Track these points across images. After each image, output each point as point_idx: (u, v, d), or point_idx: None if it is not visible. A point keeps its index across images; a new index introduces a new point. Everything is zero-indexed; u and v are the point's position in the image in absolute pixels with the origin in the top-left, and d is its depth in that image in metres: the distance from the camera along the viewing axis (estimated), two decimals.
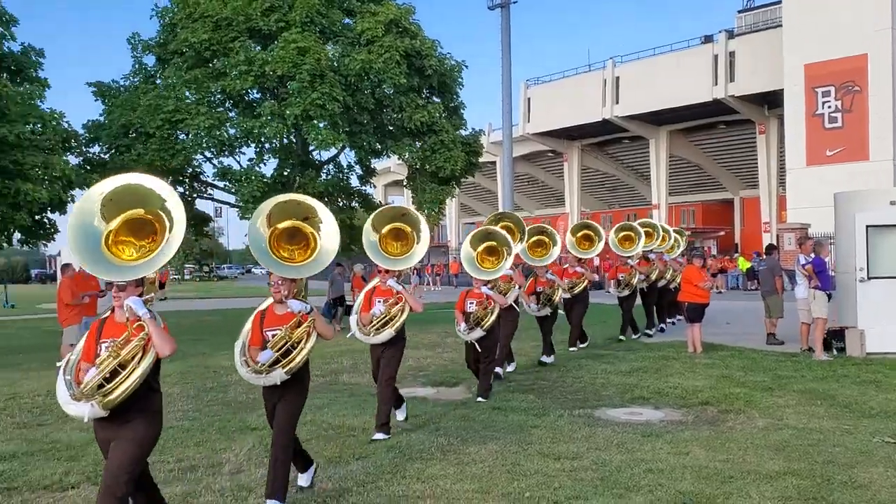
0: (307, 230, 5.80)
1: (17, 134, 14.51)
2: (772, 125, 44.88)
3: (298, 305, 5.61)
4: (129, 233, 4.68)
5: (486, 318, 9.24)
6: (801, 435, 7.38)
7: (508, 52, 24.98)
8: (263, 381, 5.52)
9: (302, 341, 5.57)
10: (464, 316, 9.35)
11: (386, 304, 7.67)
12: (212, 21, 17.97)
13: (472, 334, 9.23)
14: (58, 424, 8.51)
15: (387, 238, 7.99)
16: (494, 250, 9.70)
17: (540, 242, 12.40)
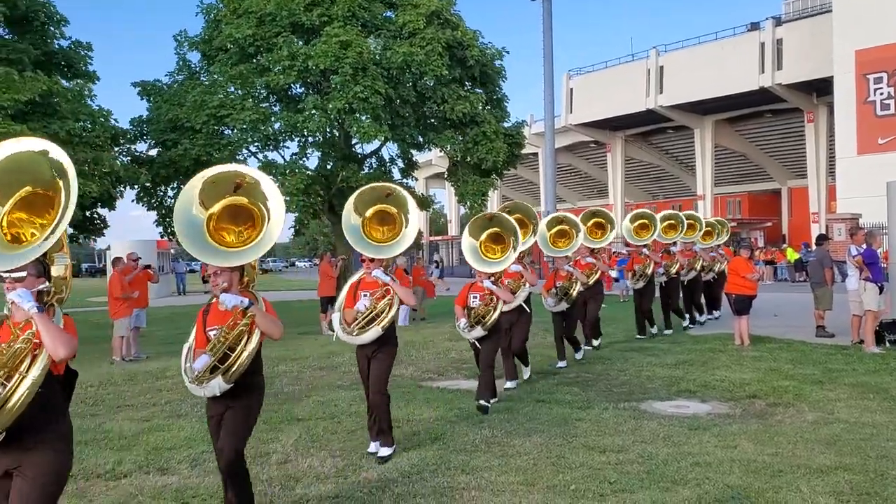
0: (251, 206, 4.91)
1: (68, 130, 14.84)
2: (821, 113, 43.91)
3: (232, 300, 4.74)
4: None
5: (488, 316, 8.27)
6: (852, 429, 7.24)
7: (550, 42, 24.80)
8: (203, 393, 4.77)
9: (242, 342, 4.75)
10: (465, 311, 8.42)
11: (372, 297, 6.68)
12: (255, 17, 18.16)
13: (473, 332, 8.32)
14: (110, 415, 8.71)
15: (371, 222, 6.96)
16: (500, 238, 8.63)
17: (562, 233, 11.68)
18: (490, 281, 8.45)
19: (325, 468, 6.32)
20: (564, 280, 11.22)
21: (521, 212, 10.24)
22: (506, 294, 8.64)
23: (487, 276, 8.47)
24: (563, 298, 11.16)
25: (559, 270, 11.29)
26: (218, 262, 4.80)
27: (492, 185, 21.60)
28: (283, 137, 18.86)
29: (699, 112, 48.82)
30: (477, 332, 8.26)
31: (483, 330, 8.29)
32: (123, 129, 18.54)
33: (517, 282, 9.56)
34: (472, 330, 8.30)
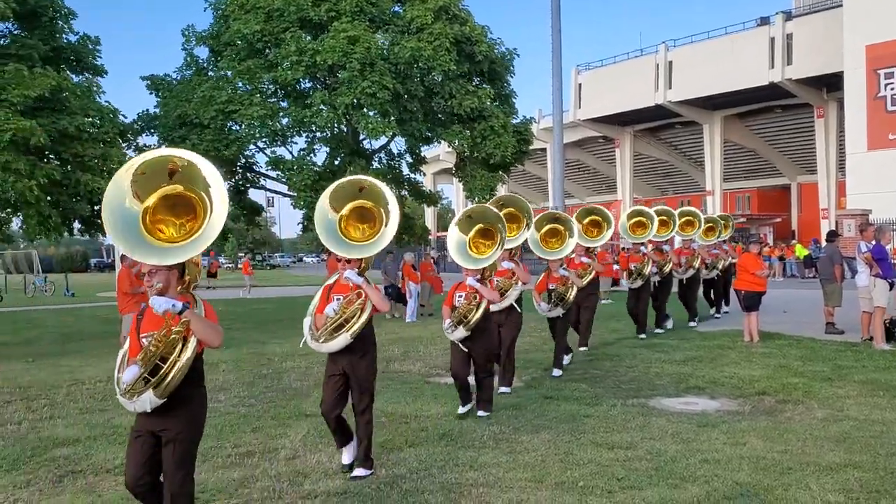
0: (190, 196, 4.34)
1: (77, 126, 14.87)
2: (831, 109, 43.72)
3: (163, 303, 4.20)
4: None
5: (470, 315, 7.68)
6: (862, 426, 7.20)
7: (559, 37, 24.70)
8: (133, 407, 4.28)
9: (176, 352, 4.23)
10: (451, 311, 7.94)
11: (344, 301, 6.05)
12: (264, 12, 18.17)
13: (456, 333, 7.77)
14: (119, 410, 8.71)
15: (349, 220, 6.25)
16: (489, 233, 8.01)
17: (554, 232, 10.44)
18: (475, 279, 7.88)
19: (333, 464, 6.32)
20: (559, 284, 10.19)
21: (513, 205, 9.48)
22: (492, 294, 8.14)
23: (473, 274, 7.87)
24: (558, 304, 10.11)
25: (552, 273, 10.35)
26: (152, 259, 4.24)
27: (500, 181, 21.58)
28: (291, 133, 18.88)
29: (708, 107, 48.68)
30: (459, 332, 7.66)
31: (465, 330, 7.70)
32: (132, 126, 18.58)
33: (508, 280, 9.01)
34: (455, 330, 7.75)
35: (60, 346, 15.44)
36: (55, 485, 5.96)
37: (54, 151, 15.13)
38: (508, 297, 8.94)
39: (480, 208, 8.39)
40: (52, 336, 17.50)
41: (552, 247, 10.35)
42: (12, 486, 5.93)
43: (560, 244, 10.35)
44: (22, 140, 13.36)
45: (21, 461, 6.57)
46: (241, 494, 5.62)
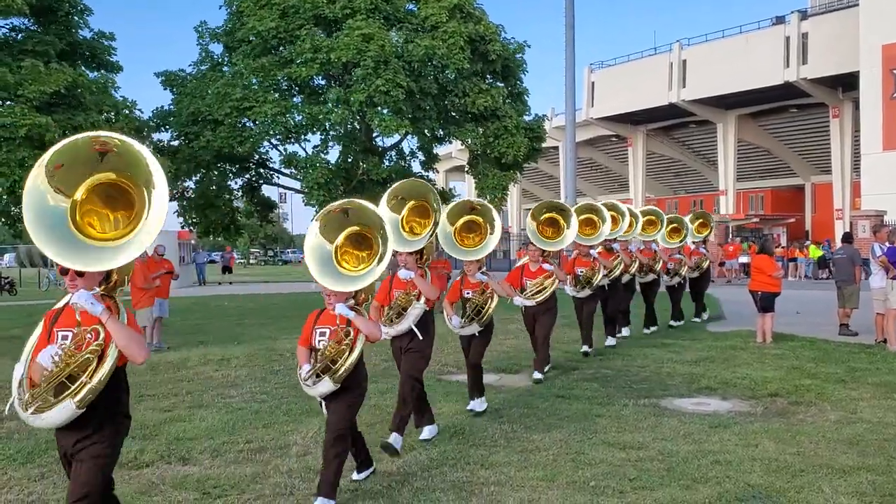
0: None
1: (92, 122, 14.96)
2: (846, 109, 43.41)
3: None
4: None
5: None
6: (875, 429, 7.17)
7: (572, 35, 24.66)
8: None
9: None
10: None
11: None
12: (279, 9, 18.22)
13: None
14: (132, 404, 8.77)
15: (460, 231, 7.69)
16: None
17: (471, 226, 7.98)
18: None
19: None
20: (476, 291, 7.95)
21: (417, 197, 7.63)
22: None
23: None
24: (474, 318, 7.88)
25: (468, 277, 8.06)
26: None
27: (512, 179, 21.57)
28: (305, 130, 18.90)
29: (722, 106, 48.44)
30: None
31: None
32: (147, 122, 18.68)
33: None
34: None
35: None
36: (63, 478, 6.00)
37: None
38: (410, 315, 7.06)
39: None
40: None
41: (468, 245, 7.87)
42: (26, 480, 5.98)
43: (480, 241, 7.84)
44: (37, 136, 13.45)
45: (35, 454, 6.62)
46: (252, 490, 5.65)
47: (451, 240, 7.75)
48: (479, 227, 7.88)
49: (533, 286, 9.53)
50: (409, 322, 6.80)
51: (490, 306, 7.69)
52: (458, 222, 7.81)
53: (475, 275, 7.92)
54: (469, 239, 7.90)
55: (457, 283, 8.13)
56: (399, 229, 6.91)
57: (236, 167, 20.12)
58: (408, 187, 7.30)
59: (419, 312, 6.80)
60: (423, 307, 6.79)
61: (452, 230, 7.77)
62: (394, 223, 6.81)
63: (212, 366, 11.28)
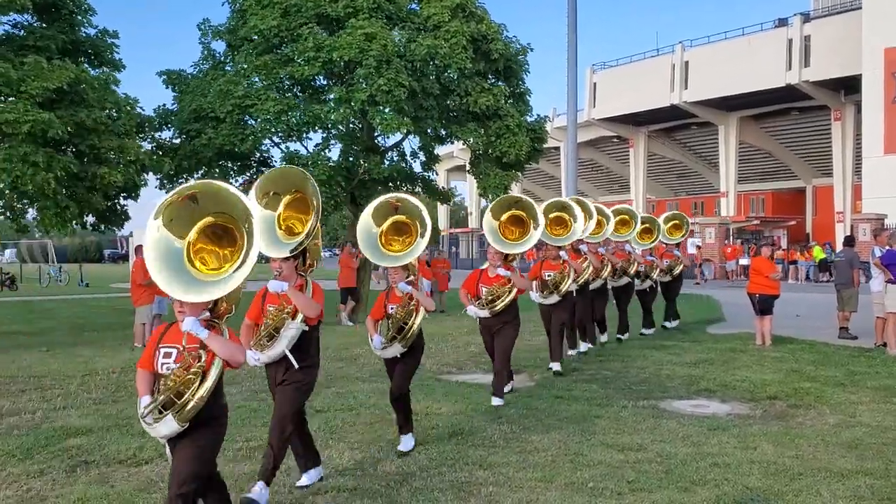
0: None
1: (94, 119, 14.94)
2: (848, 112, 43.39)
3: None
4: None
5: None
6: (874, 433, 7.17)
7: (574, 37, 24.63)
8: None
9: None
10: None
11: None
12: (281, 7, 18.18)
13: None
14: (132, 401, 8.78)
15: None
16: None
17: (399, 229, 6.84)
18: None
19: (343, 460, 6.35)
20: (398, 306, 6.76)
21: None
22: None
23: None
24: (395, 336, 6.70)
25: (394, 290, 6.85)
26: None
27: (514, 179, 21.54)
28: (306, 129, 18.89)
29: (724, 108, 48.43)
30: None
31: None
32: (150, 118, 18.66)
33: None
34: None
35: (75, 336, 15.56)
36: (68, 475, 6.01)
37: (71, 144, 15.22)
38: None
39: None
40: (66, 326, 17.63)
41: (394, 250, 6.76)
42: (25, 476, 5.99)
43: (409, 244, 6.72)
44: (40, 132, 13.45)
45: (34, 451, 6.63)
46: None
47: (375, 244, 6.70)
48: (407, 229, 6.69)
49: (488, 294, 8.44)
50: (281, 346, 5.53)
51: (414, 322, 6.60)
52: (385, 224, 6.73)
53: (399, 285, 6.69)
54: (397, 242, 6.71)
55: (381, 298, 6.88)
56: (275, 229, 5.76)
57: (238, 165, 20.10)
58: (277, 177, 6.08)
59: (294, 334, 5.53)
60: (301, 327, 5.55)
61: (378, 232, 6.72)
62: (269, 223, 5.74)
63: None
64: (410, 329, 6.58)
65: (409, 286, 6.69)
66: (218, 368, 4.22)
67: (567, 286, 10.25)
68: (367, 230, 6.71)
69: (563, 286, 10.19)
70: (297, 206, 5.76)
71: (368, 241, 6.71)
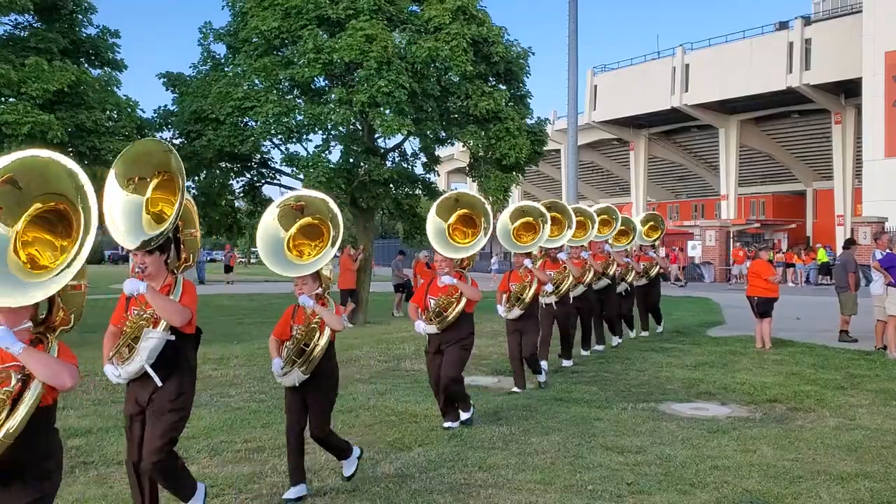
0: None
1: (95, 120, 14.95)
2: (848, 115, 43.40)
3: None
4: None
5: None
6: (874, 436, 7.16)
7: (575, 39, 24.68)
8: None
9: None
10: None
11: None
12: (281, 9, 18.19)
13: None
14: None
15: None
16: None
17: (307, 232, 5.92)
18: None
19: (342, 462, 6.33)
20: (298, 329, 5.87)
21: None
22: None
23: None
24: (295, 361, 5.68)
25: None
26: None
27: (514, 181, 21.55)
28: (307, 130, 18.90)
29: (725, 111, 48.45)
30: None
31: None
32: (150, 121, 18.67)
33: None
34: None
35: (74, 336, 15.53)
36: (66, 475, 5.99)
37: (71, 145, 15.23)
38: None
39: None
40: None
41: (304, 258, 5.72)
42: None
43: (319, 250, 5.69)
44: (40, 134, 13.45)
45: None
46: (250, 490, 5.65)
47: (279, 251, 5.62)
48: (318, 234, 5.66)
49: (435, 306, 7.40)
50: (139, 361, 4.54)
51: (318, 342, 5.58)
52: (293, 228, 5.62)
53: (301, 298, 5.60)
54: (308, 247, 5.66)
55: (287, 314, 5.89)
56: (141, 216, 4.71)
57: (238, 166, 20.11)
58: (138, 157, 4.78)
59: (155, 345, 4.54)
60: (164, 337, 4.55)
61: (285, 238, 5.63)
62: (135, 208, 4.69)
63: (211, 364, 11.27)
64: (312, 352, 5.52)
65: (312, 301, 5.57)
66: (35, 393, 3.31)
67: (528, 297, 9.01)
68: (269, 236, 5.62)
69: (525, 297, 9.01)
70: (168, 186, 4.67)
71: (273, 247, 5.60)
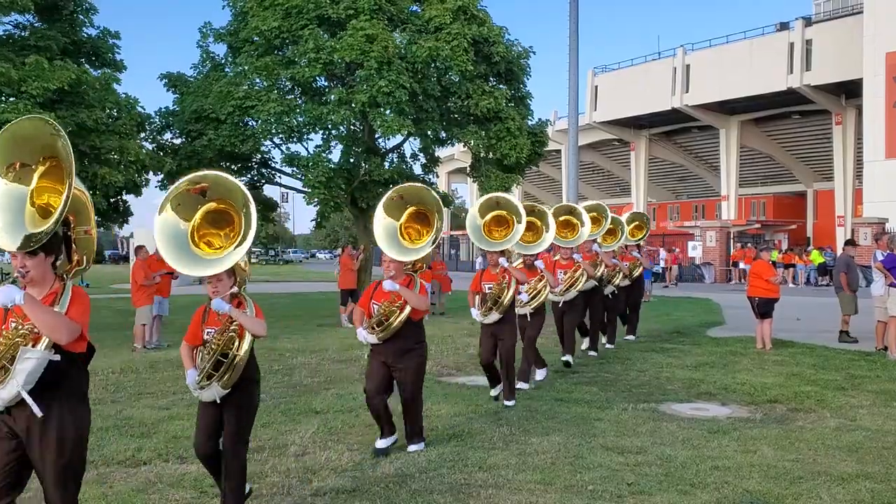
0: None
1: (95, 119, 14.96)
2: (849, 116, 43.40)
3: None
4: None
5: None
6: (875, 437, 7.15)
7: (576, 39, 24.64)
8: None
9: None
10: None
11: None
12: (282, 9, 18.19)
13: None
14: (130, 402, 8.79)
15: None
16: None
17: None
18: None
19: (342, 461, 6.34)
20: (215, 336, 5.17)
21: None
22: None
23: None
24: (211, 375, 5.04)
25: None
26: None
27: (515, 182, 21.55)
28: (307, 130, 18.90)
29: (725, 112, 48.46)
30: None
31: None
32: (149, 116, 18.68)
33: None
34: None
35: None
36: None
37: (72, 144, 15.22)
38: None
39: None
40: None
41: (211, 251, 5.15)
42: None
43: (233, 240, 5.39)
44: None
45: None
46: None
47: (185, 247, 4.84)
48: (227, 221, 4.85)
49: (378, 314, 6.55)
50: (14, 385, 3.67)
51: (238, 352, 4.80)
52: (196, 216, 4.88)
53: (214, 301, 4.88)
54: (217, 238, 4.90)
55: (196, 317, 5.18)
56: (24, 210, 3.90)
57: (238, 166, 20.11)
58: (18, 140, 4.00)
59: (34, 367, 3.68)
60: (46, 357, 3.70)
61: (189, 228, 4.83)
62: (17, 201, 3.88)
63: None
64: (233, 363, 4.77)
65: (227, 304, 4.83)
66: None
67: (506, 299, 8.26)
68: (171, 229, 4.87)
69: (503, 299, 8.25)
70: (56, 174, 4.00)
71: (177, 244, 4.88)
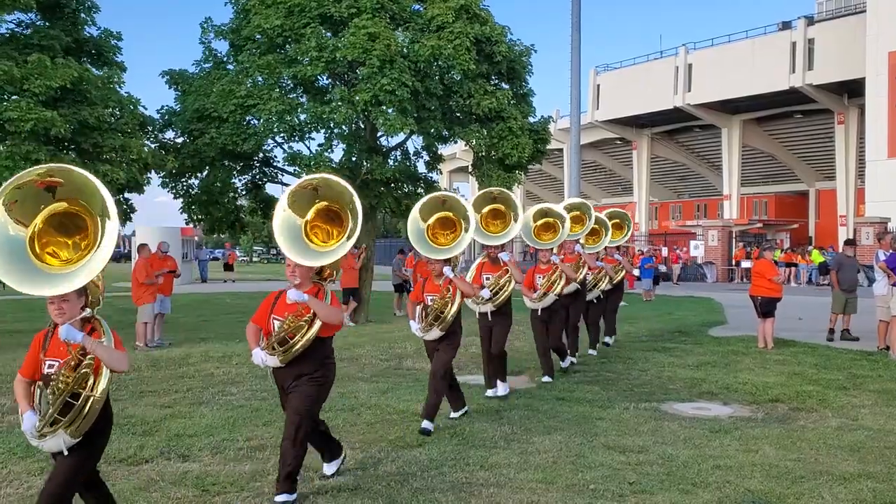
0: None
1: (97, 117, 14.95)
2: (851, 115, 43.35)
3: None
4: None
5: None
6: (877, 436, 7.15)
7: (578, 40, 24.61)
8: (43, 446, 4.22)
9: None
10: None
11: None
12: (284, 7, 18.17)
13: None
14: (132, 400, 8.80)
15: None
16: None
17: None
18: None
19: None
20: None
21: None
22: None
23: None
24: None
25: None
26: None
27: (517, 181, 21.52)
28: (309, 129, 18.88)
29: (727, 111, 48.43)
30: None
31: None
32: (152, 118, 18.67)
33: None
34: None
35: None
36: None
37: (74, 142, 15.23)
38: None
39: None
40: None
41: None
42: (26, 474, 5.99)
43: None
44: (42, 130, 13.46)
45: (35, 449, 6.60)
46: (252, 488, 5.64)
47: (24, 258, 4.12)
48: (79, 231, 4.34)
49: (279, 330, 5.66)
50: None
51: (93, 393, 4.11)
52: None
53: (68, 331, 4.16)
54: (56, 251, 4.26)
55: (34, 345, 4.60)
56: None
57: (240, 164, 20.09)
58: None
59: None
60: None
61: (27, 235, 4.33)
62: None
63: (213, 363, 11.28)
64: (85, 406, 4.09)
65: (79, 332, 4.15)
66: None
67: (451, 314, 7.56)
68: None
69: (446, 315, 7.56)
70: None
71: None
